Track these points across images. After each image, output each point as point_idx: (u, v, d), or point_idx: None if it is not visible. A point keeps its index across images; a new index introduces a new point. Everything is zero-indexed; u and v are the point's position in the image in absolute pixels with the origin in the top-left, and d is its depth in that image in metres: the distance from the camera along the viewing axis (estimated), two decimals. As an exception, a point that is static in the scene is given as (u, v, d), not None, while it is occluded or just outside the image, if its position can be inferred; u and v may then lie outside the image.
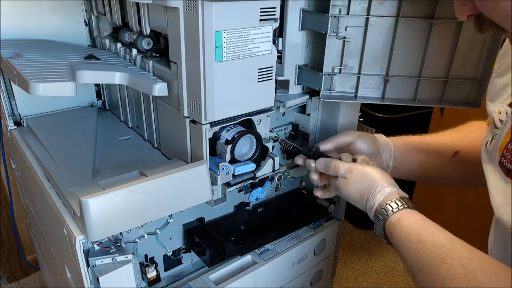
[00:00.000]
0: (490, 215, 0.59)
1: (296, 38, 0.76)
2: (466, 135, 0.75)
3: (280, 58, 0.77)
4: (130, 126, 0.97)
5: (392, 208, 0.57)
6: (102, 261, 0.61)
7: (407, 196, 0.60)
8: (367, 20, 0.71)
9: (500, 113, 0.53)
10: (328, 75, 0.76)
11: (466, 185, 0.78)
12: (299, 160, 0.76)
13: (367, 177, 0.63)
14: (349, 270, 1.86)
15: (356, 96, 0.77)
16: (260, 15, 0.62)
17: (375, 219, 0.59)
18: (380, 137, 0.76)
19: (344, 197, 0.66)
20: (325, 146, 0.74)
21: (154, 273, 0.72)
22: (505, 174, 0.49)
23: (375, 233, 0.61)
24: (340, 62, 0.75)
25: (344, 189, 0.65)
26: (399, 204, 0.57)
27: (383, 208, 0.58)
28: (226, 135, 0.69)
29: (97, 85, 1.09)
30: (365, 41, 0.73)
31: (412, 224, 0.55)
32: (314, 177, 0.73)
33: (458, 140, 0.74)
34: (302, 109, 0.86)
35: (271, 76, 0.68)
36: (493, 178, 0.51)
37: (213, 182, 0.68)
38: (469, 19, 0.50)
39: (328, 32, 0.72)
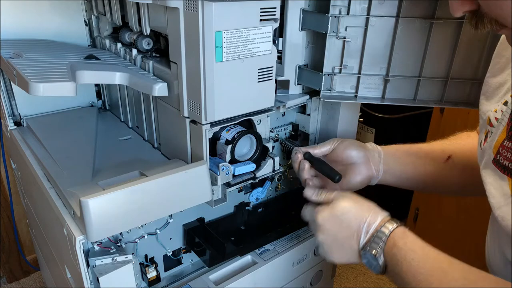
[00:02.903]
0: (489, 216, 0.59)
1: (296, 38, 0.76)
2: (456, 142, 0.75)
3: (280, 58, 0.77)
4: (130, 126, 0.97)
5: (397, 222, 0.57)
6: (102, 261, 0.61)
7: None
8: (367, 20, 0.71)
9: (496, 111, 0.53)
10: (328, 75, 0.76)
11: (465, 192, 0.78)
12: (297, 156, 0.75)
13: (364, 200, 0.62)
14: (349, 270, 1.86)
15: (356, 96, 0.77)
16: (260, 15, 0.62)
17: (376, 233, 0.57)
18: (370, 144, 0.76)
19: (332, 221, 0.61)
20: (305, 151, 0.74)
21: (154, 273, 0.72)
22: (501, 171, 0.49)
23: (364, 254, 0.58)
24: (340, 62, 0.75)
25: (341, 209, 0.61)
26: (395, 223, 0.57)
27: (388, 222, 0.57)
28: (226, 135, 0.69)
29: (97, 85, 1.09)
30: (365, 41, 0.73)
31: (416, 238, 0.55)
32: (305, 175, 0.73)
33: (449, 145, 0.74)
34: (302, 109, 0.86)
35: (271, 76, 0.68)
36: (490, 177, 0.51)
37: (213, 182, 0.68)
38: (465, 13, 0.49)
39: (328, 32, 0.72)
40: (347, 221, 0.59)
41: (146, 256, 0.73)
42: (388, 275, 0.57)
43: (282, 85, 0.79)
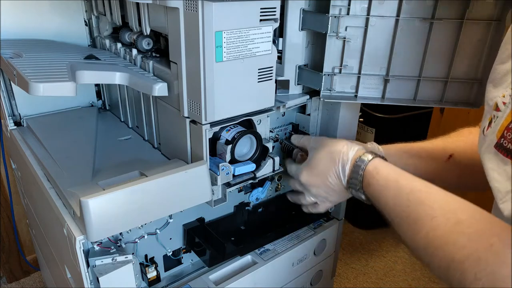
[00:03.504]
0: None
1: (296, 38, 0.76)
2: (458, 139, 0.75)
3: (280, 58, 0.77)
4: (130, 126, 0.97)
5: (368, 158, 0.61)
6: (102, 261, 0.61)
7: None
8: (367, 20, 0.71)
9: (504, 96, 0.53)
10: (328, 75, 0.76)
11: (466, 189, 0.78)
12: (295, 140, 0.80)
13: (336, 141, 0.68)
14: (349, 270, 1.87)
15: (356, 96, 0.77)
16: (260, 15, 0.62)
17: (352, 175, 0.62)
18: (371, 144, 0.76)
19: (311, 172, 0.67)
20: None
21: (154, 273, 0.72)
22: (504, 155, 0.49)
23: (351, 192, 0.64)
24: (340, 62, 0.75)
25: (315, 163, 0.67)
26: (371, 155, 0.62)
27: (359, 160, 0.62)
28: (226, 135, 0.69)
29: (97, 85, 1.09)
30: (365, 41, 0.72)
31: (389, 171, 0.59)
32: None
33: (450, 143, 0.75)
34: (302, 109, 0.86)
35: (271, 76, 0.68)
36: (491, 162, 0.51)
37: (213, 182, 0.68)
38: None
39: (328, 32, 0.72)
40: (324, 171, 0.66)
41: (146, 256, 0.73)
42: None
43: (282, 85, 0.79)
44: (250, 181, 0.74)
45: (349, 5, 0.70)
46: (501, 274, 0.39)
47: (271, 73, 0.68)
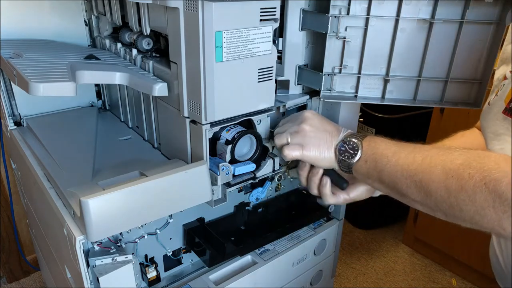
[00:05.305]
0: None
1: (296, 38, 0.76)
2: (451, 141, 0.75)
3: (280, 58, 0.77)
4: (130, 126, 0.97)
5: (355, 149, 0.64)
6: (102, 261, 0.61)
7: None
8: (367, 20, 0.71)
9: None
10: (328, 75, 0.76)
11: None
12: None
13: (322, 134, 0.69)
14: (349, 270, 1.87)
15: (356, 96, 0.77)
16: (260, 15, 0.62)
17: (347, 138, 0.65)
18: None
19: (309, 142, 0.67)
20: None
21: (154, 273, 0.72)
22: None
23: (338, 158, 0.65)
24: (340, 62, 0.75)
25: (312, 127, 0.68)
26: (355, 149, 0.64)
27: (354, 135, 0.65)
28: (226, 135, 0.69)
29: (97, 85, 1.09)
30: (365, 41, 0.73)
31: (388, 140, 0.61)
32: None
33: (445, 144, 0.75)
34: (302, 109, 0.86)
35: (271, 76, 0.68)
36: (501, 128, 0.52)
37: (213, 182, 0.68)
38: None
39: (328, 32, 0.72)
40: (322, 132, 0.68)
41: (146, 256, 0.73)
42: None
43: (282, 85, 0.79)
44: (250, 181, 0.74)
45: (349, 5, 0.70)
46: (488, 166, 0.46)
47: (271, 73, 0.68)
